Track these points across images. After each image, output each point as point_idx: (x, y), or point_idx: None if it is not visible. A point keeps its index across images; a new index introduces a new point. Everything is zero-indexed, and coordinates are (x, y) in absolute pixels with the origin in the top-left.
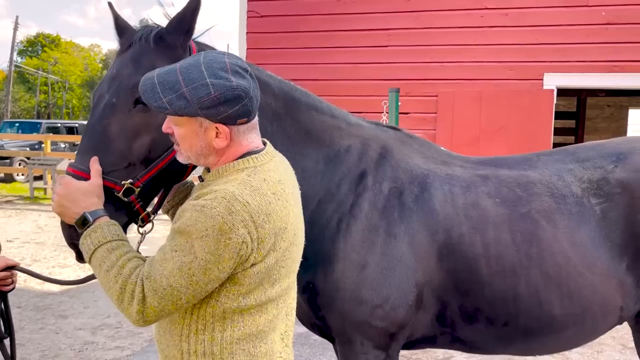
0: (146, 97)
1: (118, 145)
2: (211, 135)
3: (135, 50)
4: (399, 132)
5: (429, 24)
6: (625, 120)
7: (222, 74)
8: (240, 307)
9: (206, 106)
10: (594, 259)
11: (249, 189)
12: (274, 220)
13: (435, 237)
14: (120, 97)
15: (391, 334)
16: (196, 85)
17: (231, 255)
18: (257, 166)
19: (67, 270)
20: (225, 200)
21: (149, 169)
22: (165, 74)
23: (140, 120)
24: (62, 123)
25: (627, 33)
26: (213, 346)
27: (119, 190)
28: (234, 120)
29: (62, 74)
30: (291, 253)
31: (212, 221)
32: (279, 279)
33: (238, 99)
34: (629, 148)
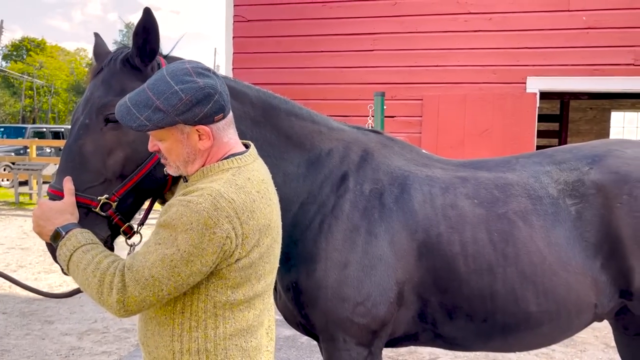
0: (125, 121)
1: (93, 163)
2: (194, 138)
3: (105, 73)
4: (380, 136)
5: (413, 28)
6: (608, 123)
7: (187, 78)
8: (229, 302)
9: (182, 111)
10: (568, 258)
11: (234, 187)
12: (258, 217)
13: (415, 236)
14: (92, 118)
15: (373, 331)
16: (167, 95)
17: (214, 250)
18: (241, 166)
19: (53, 275)
20: (212, 197)
21: (123, 183)
22: (136, 95)
23: (112, 138)
24: (47, 128)
25: (607, 37)
26: (207, 343)
27: (95, 205)
28: (211, 118)
29: (48, 78)
30: (274, 250)
31: (197, 216)
32: (264, 275)
33: (209, 96)
34: (604, 150)
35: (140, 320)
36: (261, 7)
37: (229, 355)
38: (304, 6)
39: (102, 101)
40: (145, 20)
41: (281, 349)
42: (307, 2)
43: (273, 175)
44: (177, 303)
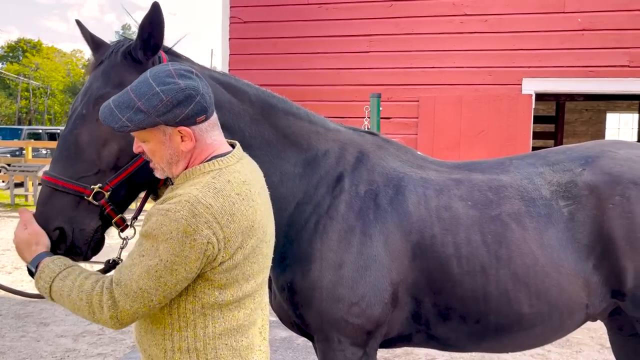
0: (107, 122)
1: (87, 154)
2: (177, 140)
3: (106, 65)
4: (376, 137)
5: (410, 30)
6: (603, 124)
7: (168, 80)
8: (218, 302)
9: (162, 112)
10: (561, 260)
11: (212, 191)
12: (239, 219)
13: (409, 238)
14: (89, 109)
15: (368, 332)
16: (148, 96)
17: (197, 256)
18: (222, 168)
19: None
20: (189, 204)
21: (117, 174)
22: (119, 97)
23: (107, 129)
24: (43, 129)
25: (602, 39)
26: (196, 342)
27: (88, 194)
28: (192, 119)
29: (44, 79)
30: (261, 249)
31: (176, 224)
32: (252, 275)
33: (190, 97)
34: (597, 152)
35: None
36: (257, 8)
37: (219, 354)
38: (300, 8)
39: (99, 92)
40: (153, 14)
41: (277, 350)
42: (303, 4)
43: (270, 174)
44: (166, 304)
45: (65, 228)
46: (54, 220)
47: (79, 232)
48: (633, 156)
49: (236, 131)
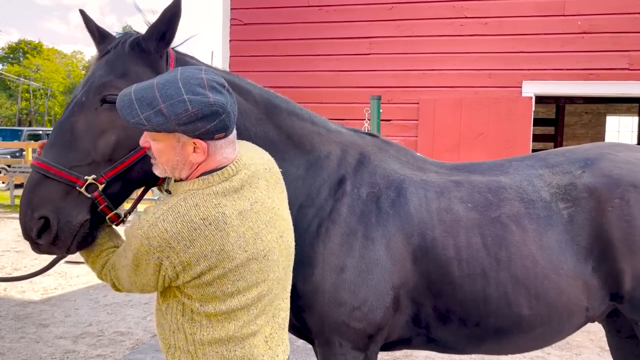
0: (123, 113)
1: (83, 142)
2: (188, 150)
3: (111, 55)
4: (376, 139)
5: (410, 32)
6: (603, 127)
7: (199, 90)
8: (202, 312)
9: (184, 122)
10: (560, 262)
11: (173, 215)
12: (201, 244)
13: (411, 241)
14: (89, 96)
15: (369, 335)
16: (174, 101)
17: (152, 272)
18: (200, 189)
19: (48, 279)
20: (148, 225)
21: (113, 166)
22: (142, 90)
23: (105, 119)
24: (43, 130)
25: (602, 42)
26: (188, 345)
27: (81, 184)
28: (211, 135)
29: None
30: (248, 267)
31: (134, 240)
32: (238, 291)
33: (215, 114)
34: (597, 154)
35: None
36: (258, 10)
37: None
38: (301, 10)
39: (101, 80)
40: (174, 8)
41: None
42: (304, 6)
43: None
44: (163, 303)
45: (50, 218)
46: (39, 208)
47: (64, 223)
48: (632, 159)
49: (242, 130)
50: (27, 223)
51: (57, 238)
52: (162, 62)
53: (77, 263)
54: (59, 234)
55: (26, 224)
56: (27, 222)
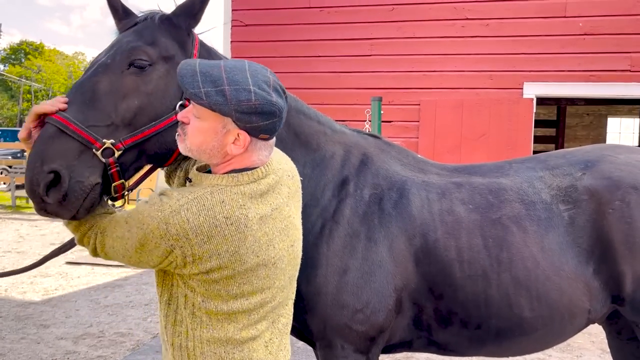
0: (184, 81)
1: (104, 103)
2: (229, 139)
3: (139, 26)
4: (378, 140)
5: (411, 33)
6: (604, 129)
7: (264, 86)
8: (204, 308)
9: (242, 110)
10: (561, 263)
11: (197, 207)
12: (218, 242)
13: (413, 242)
14: (115, 59)
15: (371, 338)
16: (239, 87)
17: (160, 255)
18: (228, 186)
19: (49, 279)
20: (170, 210)
21: (133, 133)
22: (208, 66)
23: (130, 83)
24: None
25: (603, 43)
26: (188, 341)
27: (99, 147)
28: (258, 132)
29: (46, 81)
30: (256, 272)
31: (150, 220)
32: (242, 294)
33: (272, 114)
34: (597, 156)
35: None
36: (259, 11)
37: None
38: (302, 11)
39: (131, 44)
40: None
41: None
42: (305, 7)
43: None
44: (164, 293)
45: (62, 173)
46: (50, 162)
47: (75, 182)
48: (633, 160)
49: None
50: (35, 176)
51: (66, 197)
52: (190, 41)
53: (78, 264)
54: (69, 193)
55: (33, 177)
56: (35, 175)
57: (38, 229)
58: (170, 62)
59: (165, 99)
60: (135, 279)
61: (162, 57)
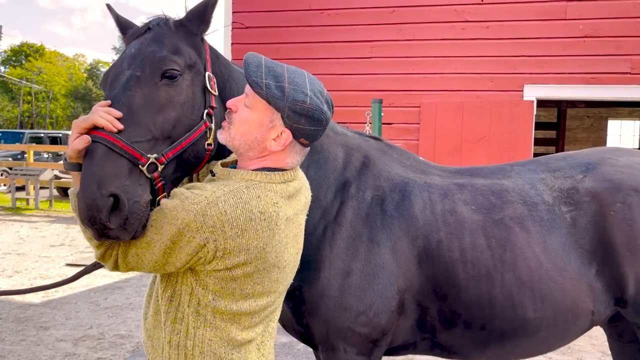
0: (249, 69)
1: (142, 117)
2: (271, 135)
3: (155, 33)
4: (380, 142)
5: (411, 36)
6: (605, 131)
7: (319, 95)
8: (211, 306)
9: (295, 109)
10: (564, 264)
11: (235, 199)
12: (250, 237)
13: (416, 243)
14: (145, 71)
15: (374, 340)
16: (297, 88)
17: (190, 252)
18: (261, 182)
19: (50, 281)
20: (207, 201)
21: (173, 146)
22: (273, 63)
23: (165, 95)
24: (45, 133)
25: (603, 46)
26: (187, 340)
27: (145, 162)
28: (300, 135)
29: (46, 83)
30: (270, 273)
31: (185, 214)
32: (253, 295)
33: (319, 122)
34: (598, 158)
35: (146, 295)
36: (259, 14)
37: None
38: (302, 13)
39: (158, 55)
40: None
41: (278, 355)
42: (305, 10)
43: None
44: (167, 289)
45: (121, 196)
46: (108, 185)
47: (133, 203)
48: (633, 163)
49: None
50: (96, 202)
51: (127, 220)
52: (204, 47)
53: (79, 266)
54: (129, 215)
55: (93, 203)
56: (95, 201)
57: (38, 231)
58: (193, 70)
59: (195, 108)
60: (135, 280)
61: (188, 65)
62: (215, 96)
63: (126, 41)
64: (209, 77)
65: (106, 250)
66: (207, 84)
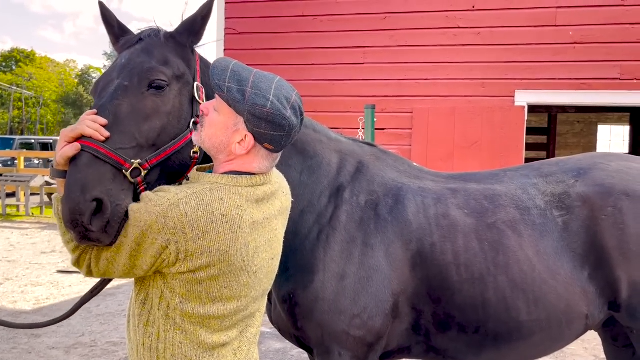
0: (214, 72)
1: (128, 125)
2: (236, 138)
3: (146, 44)
4: (374, 148)
5: (403, 42)
6: (595, 136)
7: (283, 101)
8: (179, 309)
9: (254, 114)
10: (557, 267)
11: (196, 202)
12: (212, 239)
13: (409, 247)
14: (133, 81)
15: (369, 344)
16: (259, 93)
17: (154, 254)
18: (225, 185)
19: (40, 288)
20: (168, 203)
21: (157, 152)
22: (241, 68)
23: (151, 104)
24: (35, 139)
25: (593, 52)
26: (159, 342)
27: (128, 167)
28: (263, 140)
29: (37, 89)
30: (238, 277)
31: (147, 216)
32: (221, 299)
33: (280, 127)
34: (589, 164)
35: (130, 298)
36: (252, 20)
37: None
38: (295, 19)
39: (146, 65)
40: (209, 4)
41: None
42: (298, 16)
43: None
44: (140, 292)
45: (104, 200)
46: (92, 190)
47: (115, 207)
48: (624, 168)
49: None
50: (79, 206)
51: (109, 223)
52: (194, 58)
53: (70, 273)
54: (111, 218)
55: (76, 207)
56: (78, 205)
57: (29, 238)
58: (181, 80)
59: (181, 118)
60: (127, 287)
61: (175, 76)
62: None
63: (118, 50)
64: (198, 87)
65: (81, 254)
66: (195, 94)
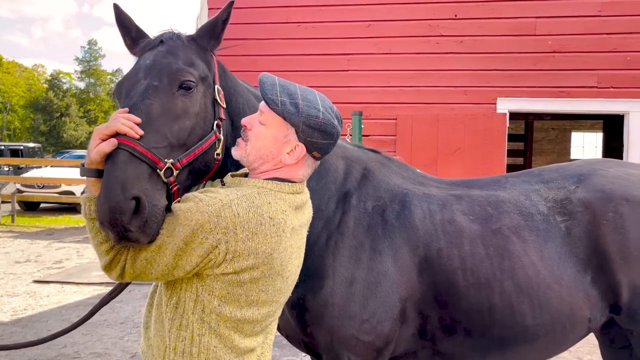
0: (264, 87)
1: (160, 124)
2: (285, 149)
3: (169, 46)
4: (378, 155)
5: (387, 49)
6: (569, 143)
7: (330, 112)
8: (216, 312)
9: (309, 125)
10: (561, 272)
11: (247, 203)
12: (259, 241)
13: (417, 252)
14: (163, 81)
15: (378, 349)
16: (310, 105)
17: (201, 253)
18: (271, 190)
19: (17, 299)
20: (220, 204)
21: (187, 152)
22: (285, 82)
23: (181, 105)
24: (5, 145)
25: (571, 61)
26: (192, 346)
27: (162, 167)
28: (314, 149)
29: (4, 94)
30: (274, 281)
31: (199, 215)
32: (257, 303)
33: (331, 136)
34: (589, 170)
35: (147, 304)
36: (237, 26)
37: None
38: (279, 26)
39: (174, 66)
40: (228, 9)
41: None
42: (282, 22)
43: None
44: (172, 296)
45: (142, 199)
46: (131, 188)
47: (152, 207)
48: (623, 174)
49: None
50: (119, 205)
51: (147, 222)
52: (213, 61)
53: (47, 282)
54: (149, 218)
55: (117, 206)
56: (118, 204)
57: (1, 247)
58: (205, 82)
59: (207, 119)
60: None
61: (201, 78)
62: (223, 108)
63: (137, 52)
64: (218, 90)
65: (115, 256)
66: (216, 97)
